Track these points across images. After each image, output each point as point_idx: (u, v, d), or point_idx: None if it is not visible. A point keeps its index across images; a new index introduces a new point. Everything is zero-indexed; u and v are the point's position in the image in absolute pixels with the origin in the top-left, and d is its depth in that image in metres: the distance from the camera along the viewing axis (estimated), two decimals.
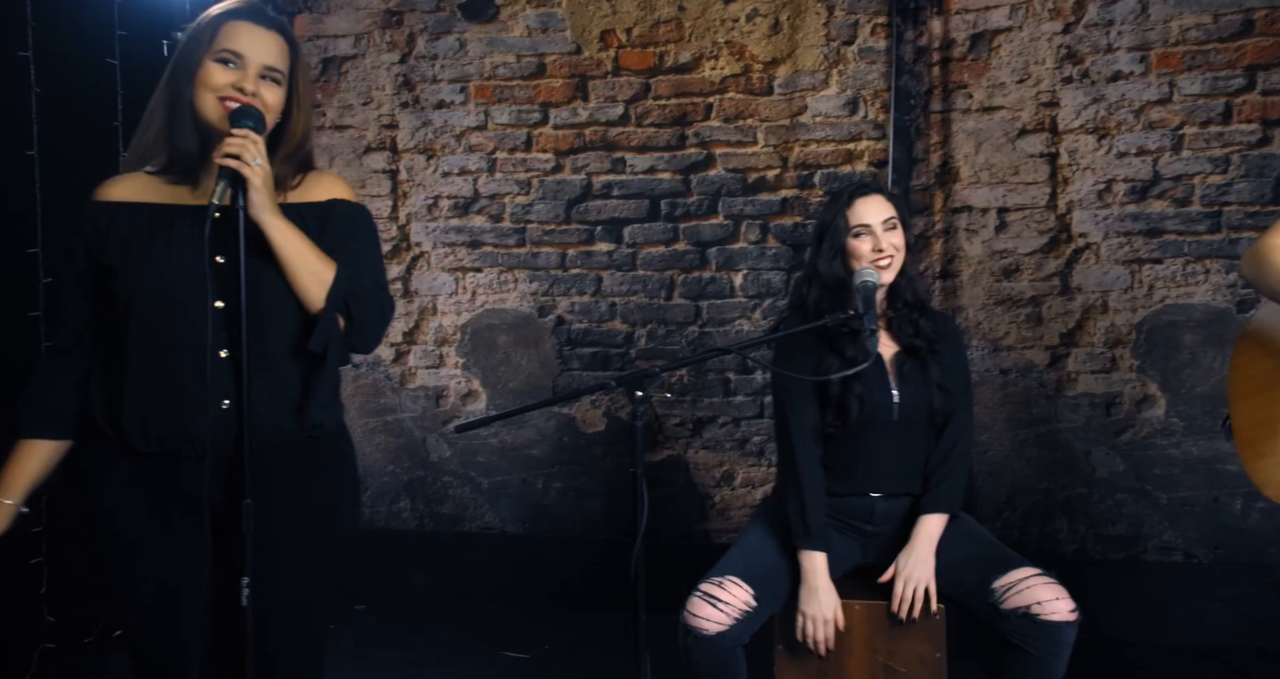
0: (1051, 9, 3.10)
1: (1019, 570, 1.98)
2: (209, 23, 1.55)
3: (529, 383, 3.45)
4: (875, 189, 2.20)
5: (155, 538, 1.56)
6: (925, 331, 2.16)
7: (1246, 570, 3.01)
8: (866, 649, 2.10)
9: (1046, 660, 1.93)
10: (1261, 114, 2.99)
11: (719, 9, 3.28)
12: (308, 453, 1.62)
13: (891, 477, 2.16)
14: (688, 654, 2.02)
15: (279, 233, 1.51)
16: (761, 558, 2.13)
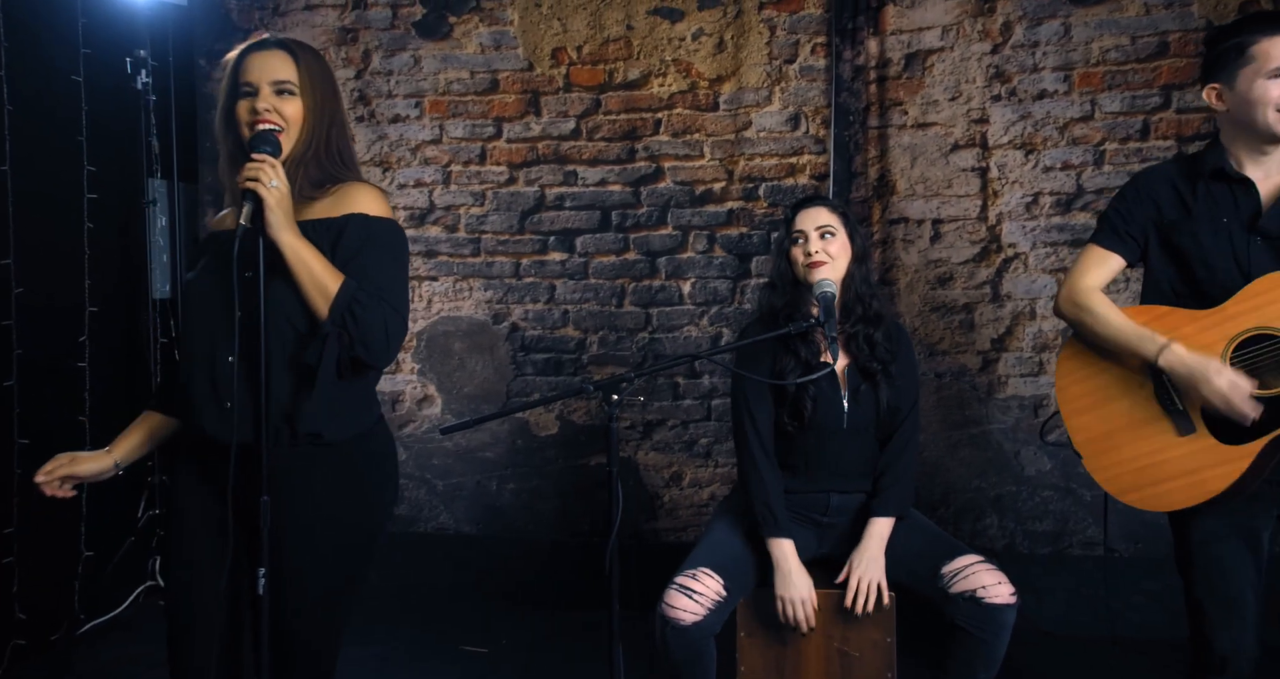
0: (981, 31, 3.26)
1: (964, 557, 2.16)
2: (230, 69, 1.73)
3: (483, 388, 3.56)
4: (821, 201, 2.36)
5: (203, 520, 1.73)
6: (880, 353, 2.30)
7: (1165, 564, 3.14)
8: (823, 635, 2.27)
9: (989, 641, 2.10)
10: (1177, 131, 3.16)
11: (666, 28, 3.41)
12: (310, 460, 1.69)
13: (844, 475, 2.33)
14: (664, 645, 2.15)
15: (290, 250, 1.62)
16: (728, 550, 2.28)
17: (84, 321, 3.19)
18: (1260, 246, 1.85)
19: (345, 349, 1.65)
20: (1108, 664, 2.95)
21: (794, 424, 2.29)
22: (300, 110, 1.71)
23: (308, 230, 1.68)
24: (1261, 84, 1.79)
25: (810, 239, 2.27)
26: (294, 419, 1.66)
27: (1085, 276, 2.01)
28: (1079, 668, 2.93)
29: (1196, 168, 1.94)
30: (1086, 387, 2.02)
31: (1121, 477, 1.95)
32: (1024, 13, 3.22)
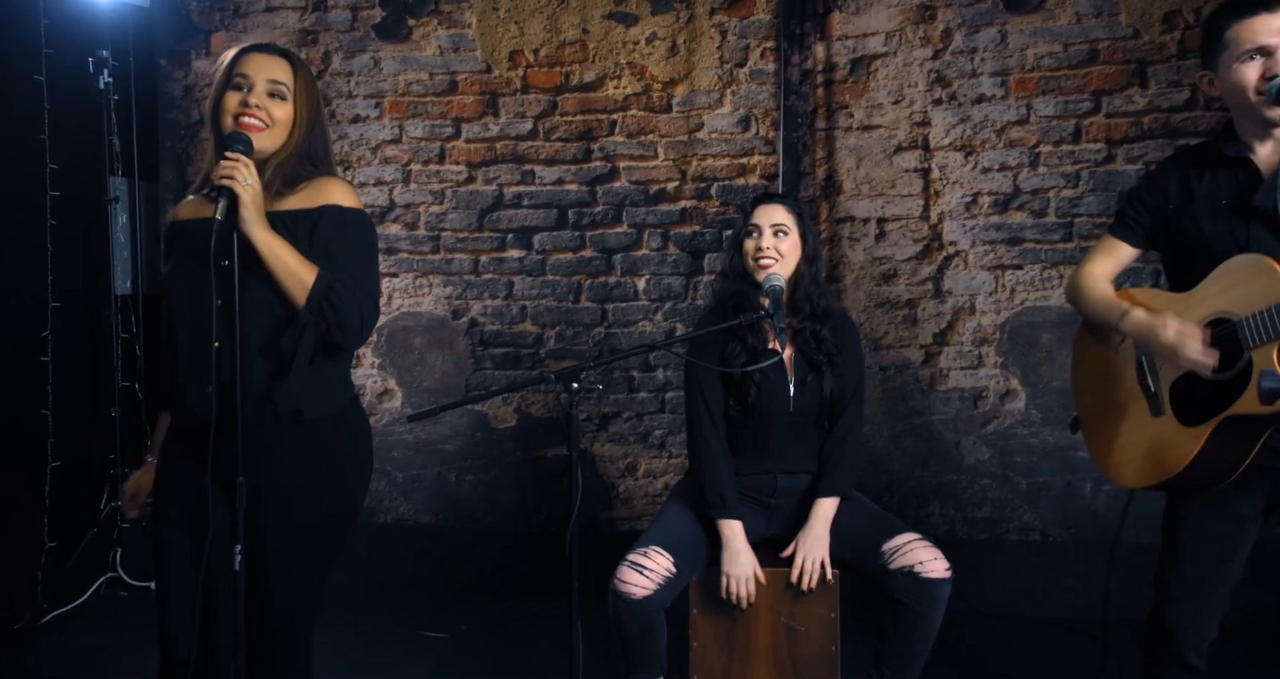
0: (922, 37, 3.39)
1: (904, 536, 2.30)
2: (227, 62, 1.82)
3: (443, 382, 3.65)
4: (779, 199, 2.48)
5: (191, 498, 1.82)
6: (827, 345, 2.43)
7: (1096, 548, 3.31)
8: (771, 611, 2.40)
9: (925, 614, 2.24)
10: (1106, 135, 3.31)
11: (621, 32, 3.51)
12: (291, 437, 1.80)
13: (791, 458, 2.46)
14: (616, 617, 2.28)
15: (264, 245, 1.72)
16: (680, 530, 2.40)
17: (47, 317, 3.24)
18: (1259, 227, 1.81)
19: (323, 334, 1.77)
20: (1043, 644, 3.09)
21: (738, 408, 2.41)
22: (289, 115, 1.81)
23: (284, 220, 1.79)
24: (1237, 68, 1.78)
25: (764, 235, 2.38)
26: (275, 399, 1.77)
27: (1090, 263, 2.08)
28: (1016, 647, 3.07)
29: (1207, 154, 1.92)
30: (1088, 368, 2.13)
31: (1108, 454, 2.05)
32: (963, 20, 3.36)
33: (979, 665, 2.93)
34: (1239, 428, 1.79)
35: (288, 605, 1.83)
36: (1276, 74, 1.75)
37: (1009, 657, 3.00)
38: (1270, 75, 1.76)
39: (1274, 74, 1.75)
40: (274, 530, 1.80)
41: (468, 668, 2.94)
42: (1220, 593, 1.92)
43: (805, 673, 2.39)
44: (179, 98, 3.69)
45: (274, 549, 1.81)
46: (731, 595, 2.34)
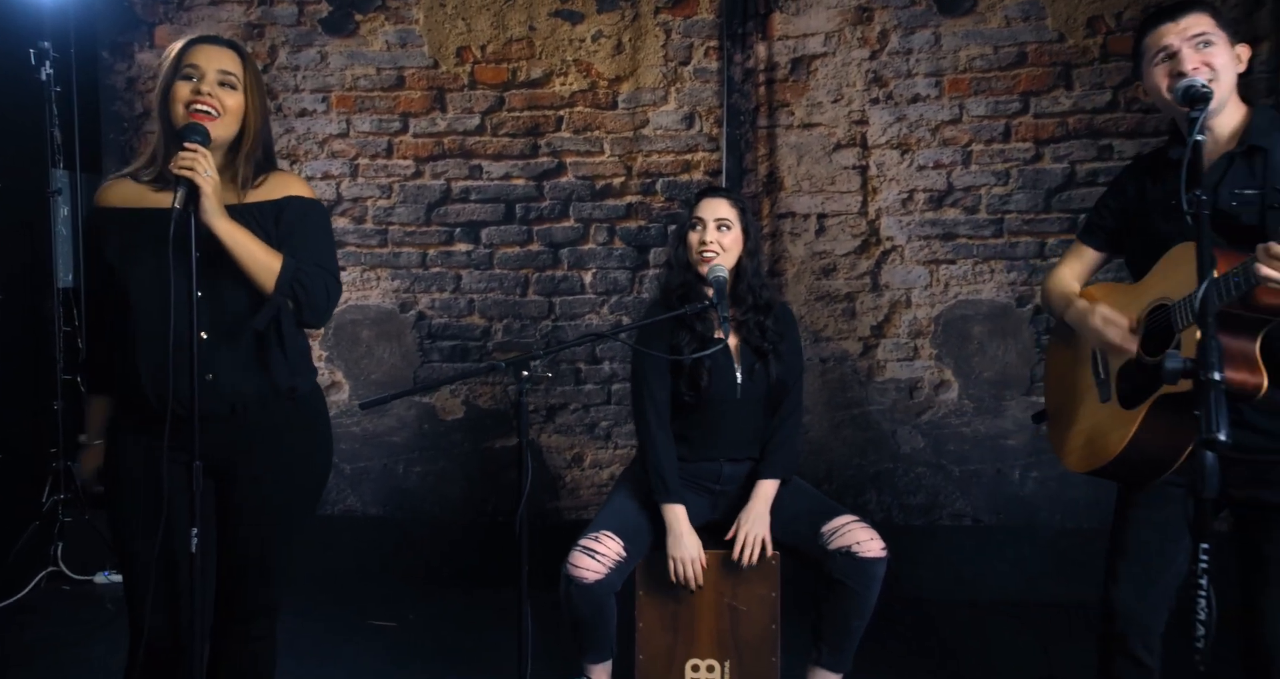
0: (860, 38, 3.49)
1: (841, 518, 2.40)
2: (175, 53, 1.86)
3: (391, 375, 3.68)
4: (723, 193, 2.57)
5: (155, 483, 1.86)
6: (770, 335, 2.52)
7: (1023, 533, 3.45)
8: (714, 591, 2.49)
9: (861, 592, 2.33)
10: (1034, 134, 3.44)
11: (567, 30, 3.57)
12: (289, 411, 1.96)
13: (735, 445, 2.54)
14: (568, 601, 2.36)
15: (227, 235, 1.78)
16: (628, 515, 2.48)
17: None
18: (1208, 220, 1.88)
19: (294, 314, 1.89)
20: (974, 626, 3.21)
21: (691, 394, 2.49)
22: (240, 104, 1.86)
23: (251, 211, 1.88)
24: (1151, 72, 1.90)
25: (708, 229, 2.46)
26: (272, 381, 1.90)
27: (1060, 266, 2.17)
28: (948, 629, 3.19)
29: (1159, 158, 1.99)
30: (1056, 365, 2.20)
31: (1064, 442, 2.10)
32: (898, 22, 3.47)
33: (913, 647, 3.04)
34: (1174, 409, 1.84)
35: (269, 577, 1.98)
36: (1182, 72, 1.85)
37: (941, 638, 3.12)
38: (1176, 74, 1.87)
39: (1179, 72, 1.86)
40: (261, 497, 1.93)
41: (416, 655, 2.98)
42: (1166, 580, 1.94)
43: (747, 652, 2.48)
44: (122, 90, 3.67)
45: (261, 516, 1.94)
46: (679, 578, 2.42)
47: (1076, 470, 2.04)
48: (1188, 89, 1.79)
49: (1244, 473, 1.85)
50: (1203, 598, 1.60)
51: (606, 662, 2.48)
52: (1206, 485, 1.54)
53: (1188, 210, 1.64)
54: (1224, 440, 1.45)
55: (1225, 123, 1.90)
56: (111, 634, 3.05)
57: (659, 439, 2.49)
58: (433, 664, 2.92)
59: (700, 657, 2.50)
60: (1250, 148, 1.84)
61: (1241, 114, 1.90)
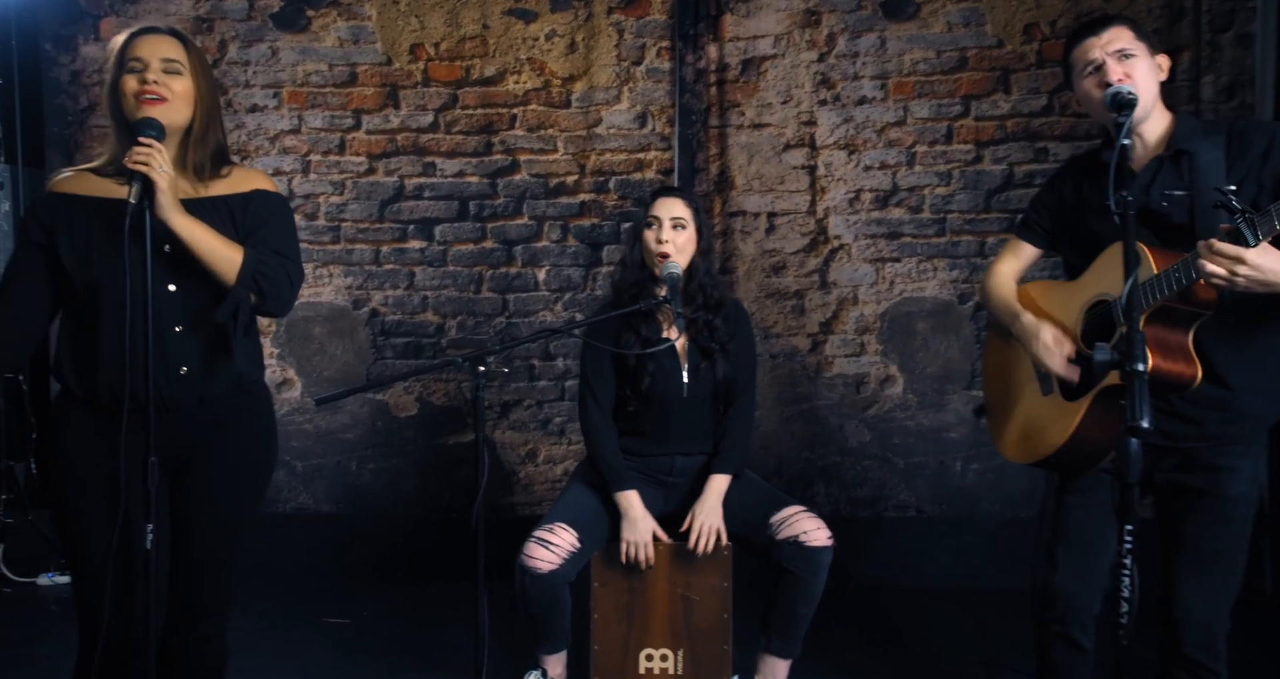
0: (809, 40, 3.57)
1: (790, 508, 2.47)
2: (118, 49, 1.86)
3: (343, 372, 3.67)
4: (678, 193, 2.62)
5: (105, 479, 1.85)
6: (719, 334, 2.57)
7: (965, 523, 3.57)
8: (668, 582, 2.54)
9: (809, 580, 2.40)
10: (975, 137, 3.56)
11: (520, 28, 3.60)
12: (245, 405, 1.98)
13: (686, 440, 2.60)
14: (523, 592, 2.39)
15: (184, 230, 1.79)
16: (583, 508, 2.53)
17: None
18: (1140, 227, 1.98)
19: (256, 306, 1.89)
20: (919, 613, 3.31)
21: (633, 396, 2.53)
22: (189, 89, 1.86)
23: (216, 204, 1.90)
24: (1081, 85, 2.01)
25: (663, 228, 2.51)
26: (237, 373, 1.91)
27: (998, 262, 2.23)
28: (896, 617, 3.28)
29: (1094, 160, 2.08)
30: (994, 359, 2.25)
31: (1005, 434, 2.15)
32: (845, 26, 3.56)
33: (860, 634, 3.12)
34: (1114, 401, 1.91)
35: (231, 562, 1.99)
36: (1108, 82, 1.96)
37: (887, 625, 3.21)
38: (1104, 84, 1.97)
39: (1105, 82, 1.96)
40: (217, 493, 1.93)
41: (371, 651, 2.99)
42: (1101, 561, 2.01)
43: (700, 640, 2.53)
44: (66, 83, 3.60)
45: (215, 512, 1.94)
46: (631, 560, 2.47)
47: (1017, 461, 2.09)
48: (1115, 95, 1.89)
49: (1172, 460, 1.96)
50: (1126, 576, 1.69)
51: (561, 652, 2.53)
52: (1130, 471, 1.64)
53: (1115, 210, 1.74)
54: (1146, 428, 1.54)
55: (1152, 129, 2.00)
56: (57, 636, 3.01)
57: (601, 432, 2.55)
58: (387, 660, 2.93)
59: (654, 646, 2.55)
60: (1177, 152, 1.93)
61: (1167, 121, 2.00)
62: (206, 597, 1.97)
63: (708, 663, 2.54)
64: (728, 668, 2.54)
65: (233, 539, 1.99)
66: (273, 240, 1.93)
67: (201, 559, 1.95)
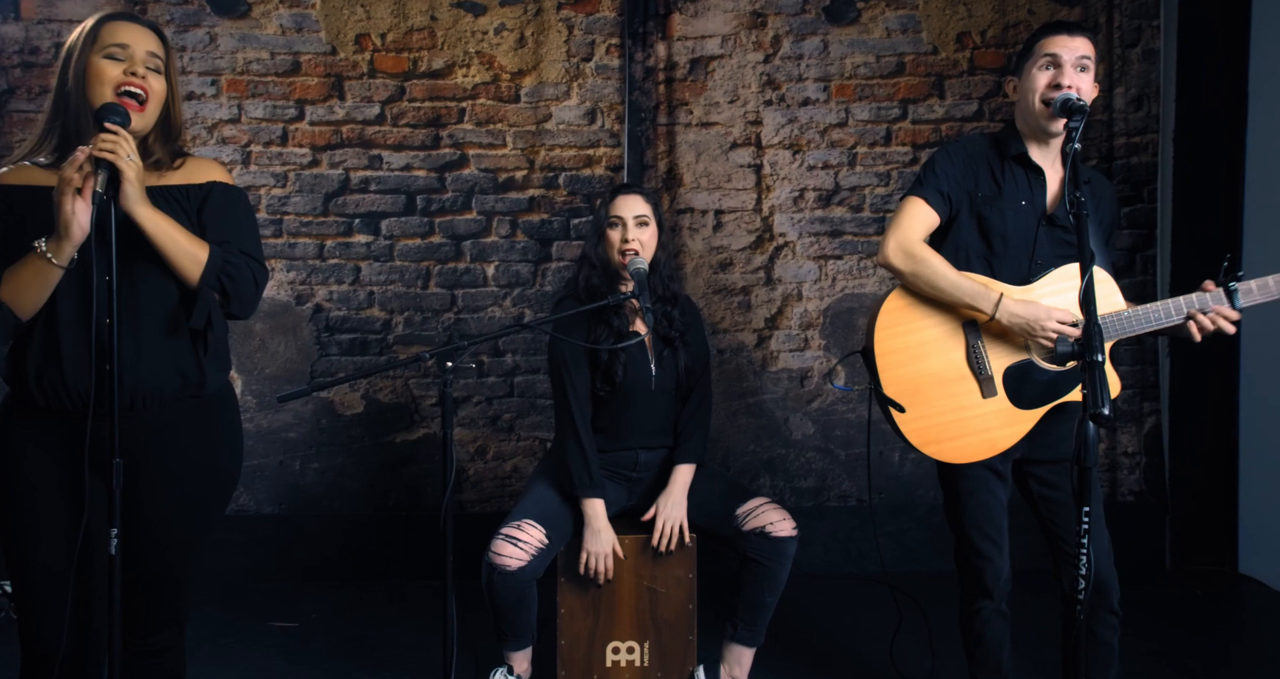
0: (755, 42, 3.65)
1: (754, 500, 2.53)
2: (90, 28, 1.76)
3: (286, 369, 3.58)
4: (637, 190, 2.64)
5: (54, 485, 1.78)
6: (677, 324, 2.63)
7: (902, 510, 3.72)
8: (633, 575, 2.57)
9: (774, 569, 2.47)
10: (912, 139, 3.70)
11: (469, 21, 3.56)
12: (192, 411, 1.85)
13: (649, 433, 2.64)
14: (491, 589, 2.39)
15: (150, 223, 1.71)
16: (549, 504, 2.53)
17: None
18: (1045, 231, 2.13)
19: (223, 306, 1.83)
20: (861, 597, 3.44)
21: (606, 388, 2.56)
22: (163, 89, 1.80)
23: (171, 194, 1.81)
24: (1034, 72, 2.09)
25: (628, 227, 2.54)
26: (181, 374, 1.80)
27: (913, 229, 2.13)
28: (839, 601, 3.40)
29: (1002, 147, 2.15)
30: (904, 342, 2.15)
31: (926, 430, 2.13)
32: (790, 28, 3.65)
33: (807, 620, 3.23)
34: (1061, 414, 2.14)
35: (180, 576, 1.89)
36: (1060, 84, 2.07)
37: (833, 610, 3.33)
38: (1055, 84, 2.08)
39: (1058, 84, 2.08)
40: (167, 502, 1.83)
41: (321, 655, 2.94)
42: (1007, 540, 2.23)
43: (666, 631, 2.58)
44: None
45: (166, 522, 1.83)
46: (590, 571, 2.49)
47: (951, 460, 2.13)
48: (1066, 101, 1.99)
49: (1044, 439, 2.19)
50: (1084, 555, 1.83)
51: (527, 649, 2.54)
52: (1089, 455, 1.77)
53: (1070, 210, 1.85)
54: (1108, 415, 1.66)
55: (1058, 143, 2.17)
56: None
57: (582, 433, 2.55)
58: (338, 662, 2.89)
59: (620, 639, 2.59)
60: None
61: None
62: (158, 612, 1.87)
63: (673, 654, 2.60)
64: (693, 658, 2.60)
65: (183, 551, 1.89)
66: (234, 237, 1.85)
67: (153, 574, 1.85)
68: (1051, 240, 2.15)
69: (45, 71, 3.40)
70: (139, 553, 1.82)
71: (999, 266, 2.14)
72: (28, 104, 3.39)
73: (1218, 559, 3.66)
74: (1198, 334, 2.11)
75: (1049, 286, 2.13)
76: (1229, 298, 2.09)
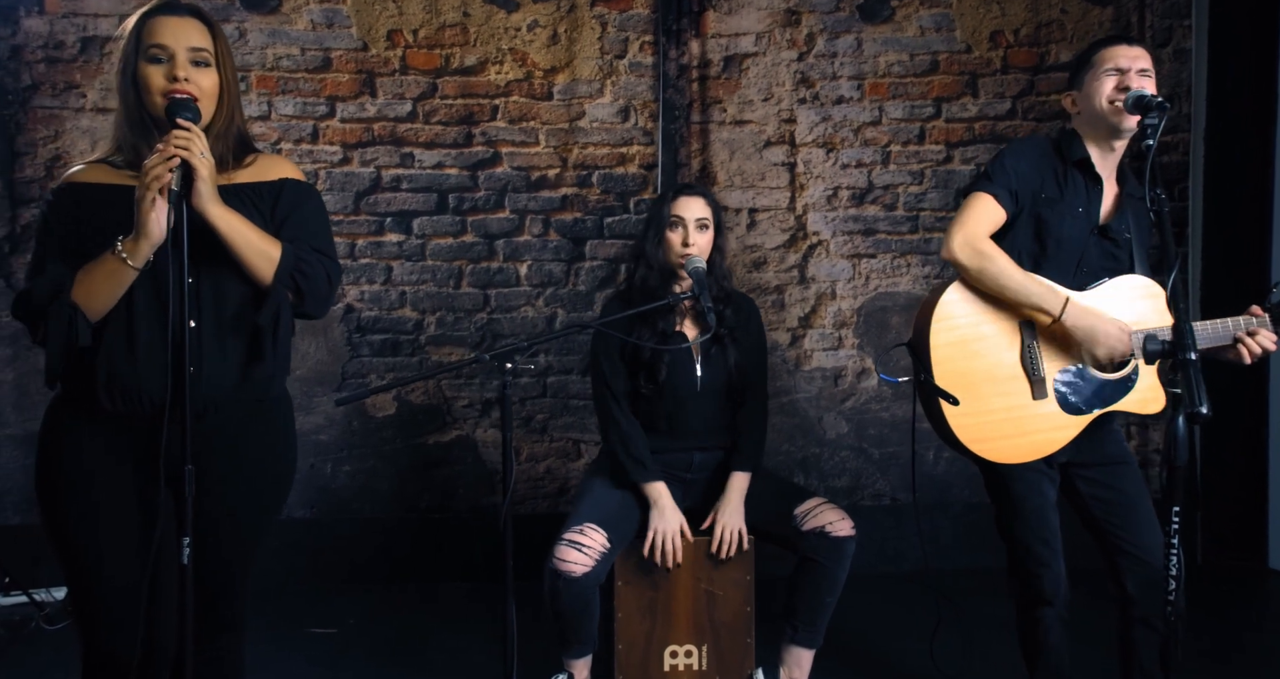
0: (789, 39, 3.63)
1: (812, 500, 2.52)
2: (132, 29, 1.69)
3: (317, 371, 3.52)
4: (699, 191, 2.61)
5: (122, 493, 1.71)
6: (728, 321, 2.59)
7: (936, 508, 3.72)
8: (691, 577, 2.55)
9: (833, 569, 2.46)
10: (946, 137, 3.69)
11: (502, 18, 3.51)
12: (257, 415, 1.81)
13: (703, 435, 2.62)
14: (554, 596, 2.35)
15: (222, 221, 1.65)
16: (609, 505, 2.50)
17: None
18: (1095, 241, 2.14)
19: (295, 306, 1.77)
20: (893, 595, 3.43)
21: (649, 386, 2.53)
22: (215, 83, 1.71)
23: (244, 192, 1.76)
24: (1098, 80, 2.10)
25: (689, 230, 2.51)
26: (250, 378, 1.75)
27: (980, 225, 2.09)
28: (874, 601, 3.39)
29: (1064, 151, 2.14)
30: (959, 336, 2.13)
31: (977, 426, 2.10)
32: (824, 26, 3.63)
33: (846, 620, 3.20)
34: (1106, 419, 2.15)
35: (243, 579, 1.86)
36: (1128, 87, 2.07)
37: (870, 609, 3.31)
38: (1123, 87, 2.09)
39: (1125, 86, 2.08)
40: (233, 507, 1.79)
41: (361, 661, 2.89)
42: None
43: (724, 634, 2.56)
44: (5, 59, 3.30)
45: (232, 527, 1.80)
46: (656, 551, 2.46)
47: (998, 459, 2.11)
48: (1140, 97, 2.00)
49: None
50: (1174, 556, 1.82)
51: (588, 656, 2.51)
52: (1178, 455, 1.76)
53: (1150, 207, 1.86)
54: (1206, 413, 1.66)
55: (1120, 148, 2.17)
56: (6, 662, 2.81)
57: (624, 423, 2.54)
58: (380, 669, 2.84)
59: (678, 642, 2.57)
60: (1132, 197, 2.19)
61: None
62: (218, 617, 1.84)
63: (731, 657, 2.58)
64: (751, 660, 2.58)
65: (245, 557, 1.86)
66: (308, 235, 1.81)
67: (215, 579, 1.81)
68: (1100, 252, 2.16)
69: (70, 67, 3.32)
70: (204, 558, 1.76)
71: (1045, 270, 2.13)
72: (52, 100, 3.30)
73: (1248, 555, 3.69)
74: (1248, 356, 2.11)
75: (1104, 295, 2.13)
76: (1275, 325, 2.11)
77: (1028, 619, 2.25)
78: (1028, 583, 2.21)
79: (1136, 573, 2.13)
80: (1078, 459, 2.21)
